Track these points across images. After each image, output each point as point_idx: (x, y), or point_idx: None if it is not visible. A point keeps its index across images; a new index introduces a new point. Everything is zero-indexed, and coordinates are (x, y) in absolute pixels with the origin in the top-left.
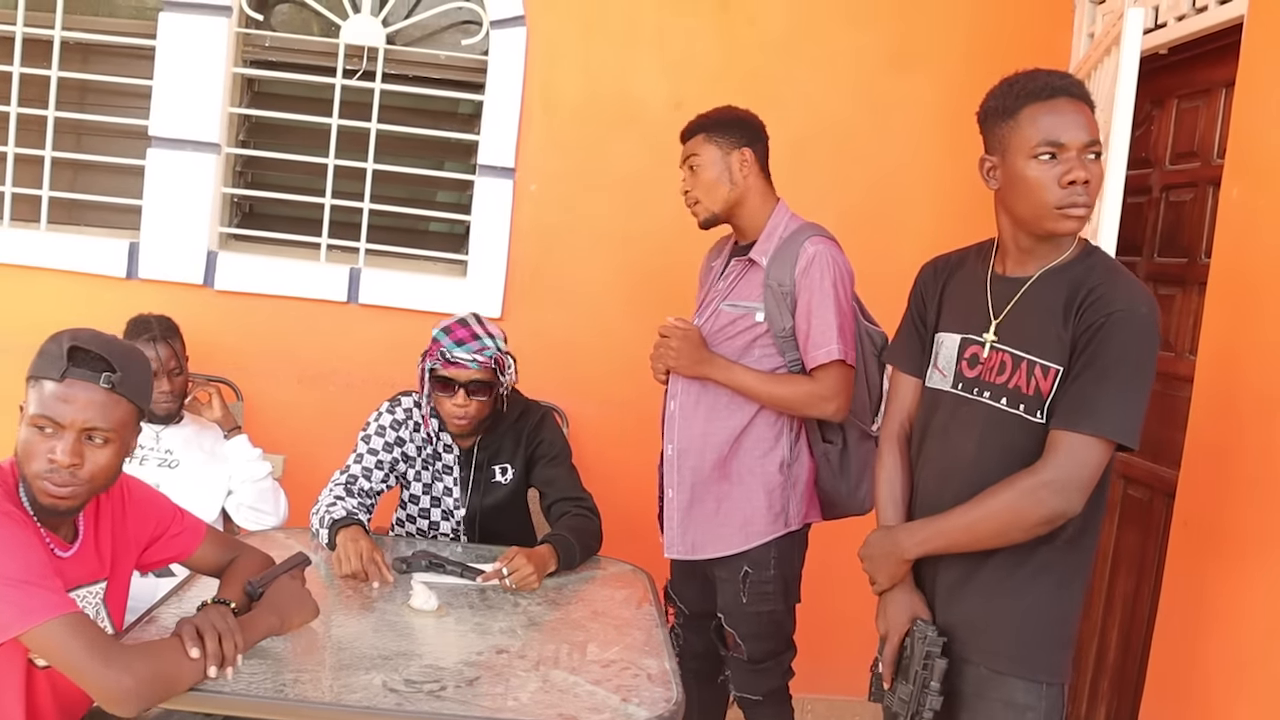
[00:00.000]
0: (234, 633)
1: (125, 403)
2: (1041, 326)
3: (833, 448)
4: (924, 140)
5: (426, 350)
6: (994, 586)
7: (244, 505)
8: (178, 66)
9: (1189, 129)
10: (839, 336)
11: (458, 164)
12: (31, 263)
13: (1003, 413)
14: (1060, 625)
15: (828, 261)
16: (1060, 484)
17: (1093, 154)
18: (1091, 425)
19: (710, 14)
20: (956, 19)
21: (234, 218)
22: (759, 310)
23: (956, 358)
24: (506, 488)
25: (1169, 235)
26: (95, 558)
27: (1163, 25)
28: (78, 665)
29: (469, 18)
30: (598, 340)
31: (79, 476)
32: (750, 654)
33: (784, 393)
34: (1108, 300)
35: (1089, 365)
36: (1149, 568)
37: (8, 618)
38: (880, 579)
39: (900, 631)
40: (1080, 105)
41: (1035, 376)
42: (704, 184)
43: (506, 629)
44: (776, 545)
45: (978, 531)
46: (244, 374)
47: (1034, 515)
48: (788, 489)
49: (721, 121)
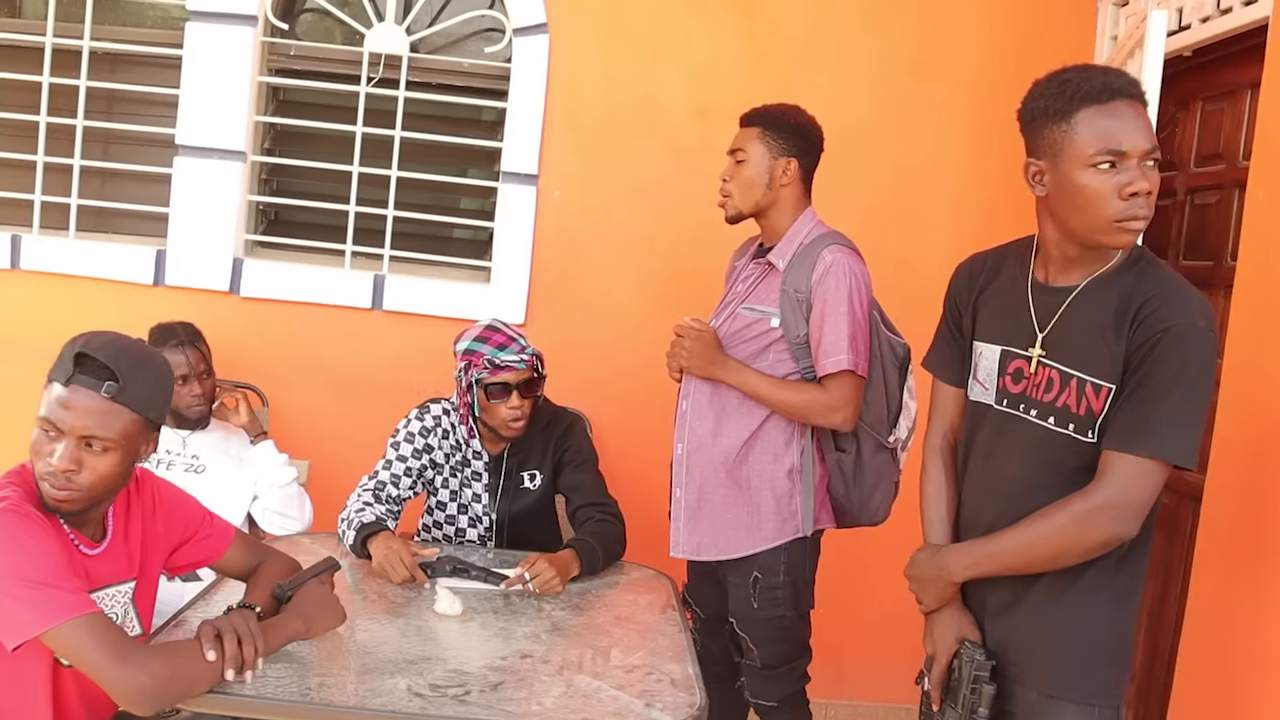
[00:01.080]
0: (255, 637)
1: (127, 413)
2: (1091, 342)
3: (845, 456)
4: (946, 144)
5: (466, 364)
6: (1046, 607)
7: (269, 510)
8: (204, 75)
9: (1214, 131)
10: (850, 346)
11: (481, 171)
12: (60, 270)
13: (1051, 432)
14: (1115, 644)
15: (844, 270)
16: (1117, 508)
17: (1152, 161)
18: (1149, 448)
19: (732, 20)
20: (977, 23)
21: (259, 225)
22: (775, 315)
23: (999, 371)
24: (535, 494)
25: (1194, 238)
26: (125, 557)
27: (1186, 27)
28: (95, 664)
29: (492, 25)
30: (621, 345)
31: (76, 482)
32: (763, 660)
33: (792, 399)
34: (1163, 314)
35: (1144, 383)
36: (1175, 573)
37: (26, 619)
38: (927, 600)
39: (948, 653)
40: (1140, 108)
41: (1086, 395)
42: (742, 180)
43: (530, 634)
44: (786, 551)
45: (1031, 556)
46: (269, 380)
47: (1090, 540)
48: (796, 495)
49: (780, 123)
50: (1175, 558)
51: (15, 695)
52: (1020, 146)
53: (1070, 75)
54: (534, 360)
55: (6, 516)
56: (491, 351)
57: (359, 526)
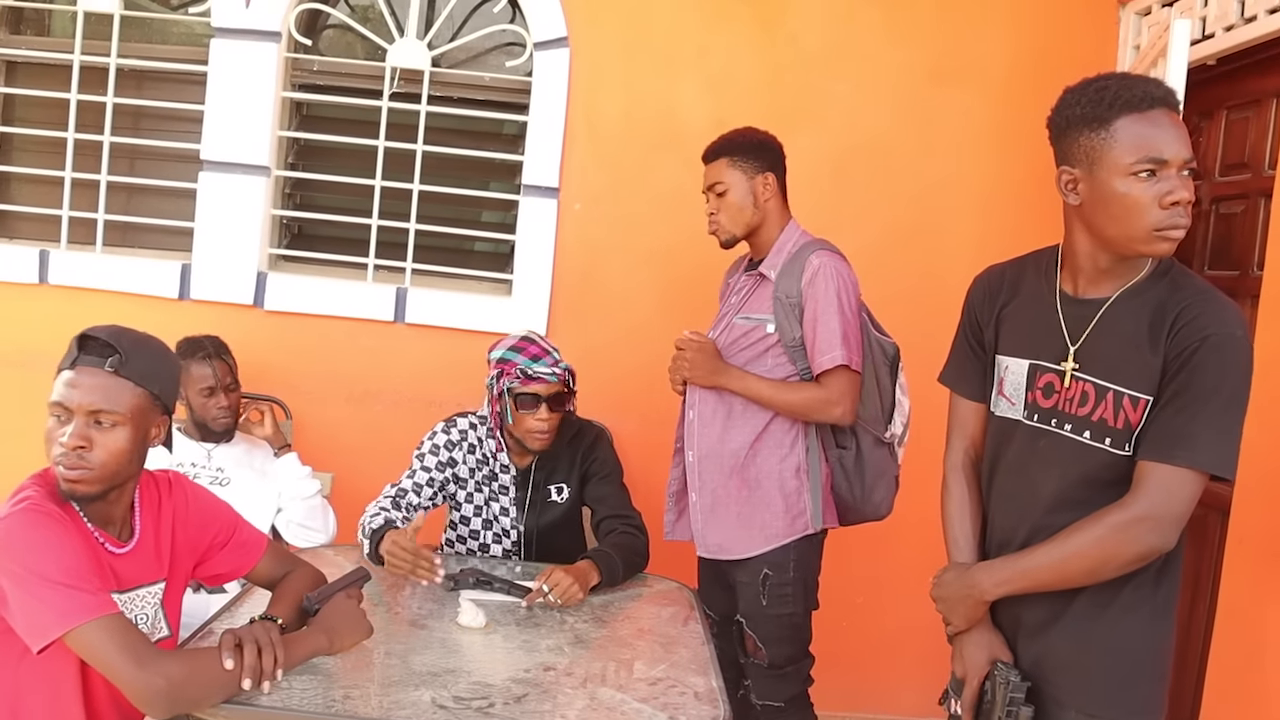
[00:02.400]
0: (275, 647)
1: (131, 386)
2: (1125, 354)
3: (846, 453)
4: (967, 154)
5: (499, 373)
6: (1086, 624)
7: (293, 522)
8: (229, 91)
9: (1239, 140)
10: (843, 343)
11: (502, 184)
12: (87, 284)
13: (1087, 446)
14: (1156, 659)
15: (831, 272)
16: (1155, 520)
17: (1189, 171)
18: (1188, 458)
19: (751, 32)
20: (999, 32)
21: (283, 239)
22: (770, 322)
23: (1027, 386)
24: (562, 507)
25: (1220, 248)
26: (155, 558)
27: (1210, 36)
28: (113, 666)
29: (513, 40)
30: (642, 356)
31: (89, 459)
32: (772, 659)
33: (794, 398)
34: (1201, 323)
35: (1182, 392)
36: (1204, 585)
37: (47, 620)
38: (956, 620)
39: (980, 674)
40: (1177, 118)
41: (1124, 408)
42: (729, 208)
43: (554, 646)
44: (795, 548)
45: (1067, 571)
46: (293, 393)
47: (1128, 552)
48: (804, 492)
49: (744, 145)
50: (1204, 568)
51: (47, 696)
52: (1043, 156)
53: (1109, 83)
54: (566, 375)
55: (29, 515)
56: (525, 362)
57: (370, 534)
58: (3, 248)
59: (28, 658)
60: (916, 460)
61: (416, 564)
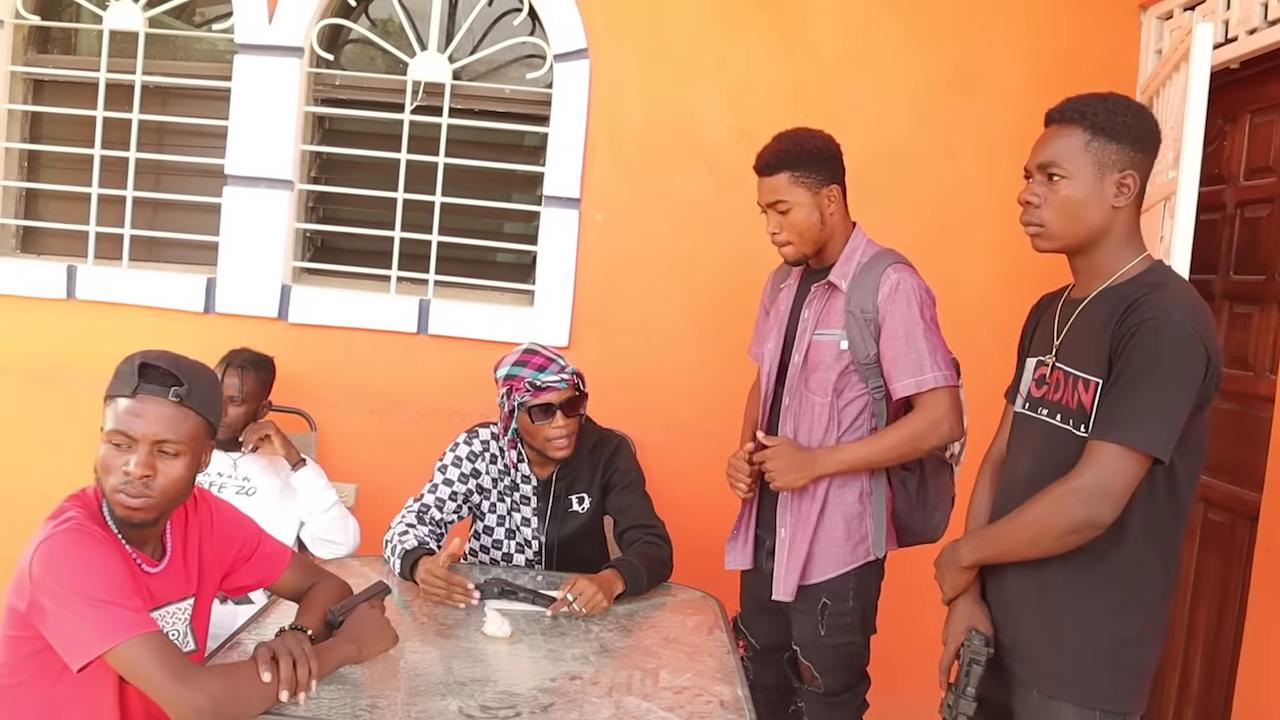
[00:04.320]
0: (309, 658)
1: (194, 415)
2: (1086, 342)
3: (911, 475)
4: (988, 161)
5: (508, 390)
6: (1046, 605)
7: (317, 537)
8: (252, 106)
9: (1263, 143)
10: (936, 364)
11: (524, 195)
12: (114, 299)
13: (1057, 429)
14: (1119, 649)
15: (911, 288)
16: (1086, 492)
17: (1041, 173)
18: (1117, 434)
19: (770, 41)
20: (1018, 38)
21: (306, 252)
22: (843, 338)
23: (1031, 380)
24: (583, 517)
25: (1245, 252)
26: (184, 575)
27: (1233, 39)
28: (155, 683)
29: (533, 52)
30: (664, 367)
31: (152, 488)
32: (828, 687)
33: (897, 443)
34: (1142, 310)
35: (1120, 375)
36: (1232, 593)
37: (90, 638)
38: (945, 588)
39: (957, 641)
40: (1054, 129)
41: (1078, 391)
42: (797, 228)
43: (579, 655)
44: (855, 576)
45: (1016, 539)
46: (317, 404)
47: (1062, 523)
48: (866, 518)
49: (805, 157)
50: (1232, 577)
51: (84, 715)
52: None
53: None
54: (575, 379)
55: (72, 535)
56: (532, 374)
57: (403, 554)
58: (31, 263)
59: (65, 677)
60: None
61: (451, 590)
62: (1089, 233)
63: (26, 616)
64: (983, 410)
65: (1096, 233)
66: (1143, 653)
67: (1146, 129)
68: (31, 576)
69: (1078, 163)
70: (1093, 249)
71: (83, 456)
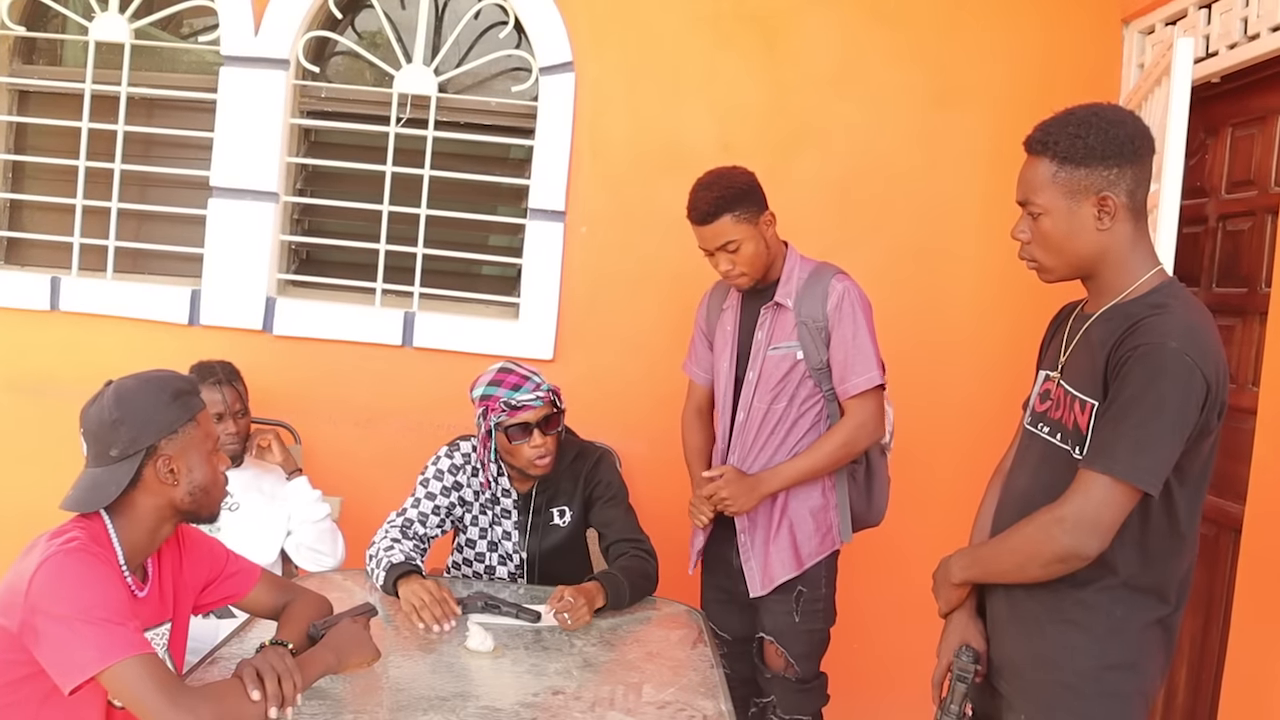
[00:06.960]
0: (292, 673)
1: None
2: (1086, 362)
3: (859, 467)
4: (973, 176)
5: (484, 410)
6: (1031, 632)
7: (303, 546)
8: (238, 118)
9: (1244, 157)
10: (876, 364)
11: (509, 208)
12: (98, 310)
13: (1056, 448)
14: (1105, 674)
15: (856, 296)
16: (1072, 521)
17: (1026, 210)
18: (1103, 464)
19: (756, 56)
20: (1002, 53)
21: (292, 264)
22: (798, 348)
23: (1037, 394)
24: (565, 530)
25: (1227, 265)
26: (160, 601)
27: (1214, 54)
28: (148, 704)
29: (518, 65)
30: (648, 380)
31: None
32: (803, 673)
33: (831, 450)
34: (1138, 335)
35: (1113, 402)
36: (1217, 605)
37: (88, 656)
38: (940, 602)
39: (949, 656)
40: (1030, 159)
41: (1075, 411)
42: (749, 260)
43: (562, 670)
44: (825, 564)
45: (1002, 563)
46: (302, 417)
47: (1046, 551)
48: (830, 509)
49: (738, 196)
50: (1216, 590)
51: None
52: None
53: None
54: (551, 395)
55: (75, 555)
56: (507, 394)
57: (388, 567)
58: (15, 275)
59: (51, 700)
60: (919, 481)
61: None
62: (1081, 261)
63: (18, 637)
64: (959, 419)
65: (1089, 259)
66: (1135, 677)
67: (1118, 142)
68: (27, 595)
69: (1049, 195)
70: (1096, 272)
71: (65, 468)
